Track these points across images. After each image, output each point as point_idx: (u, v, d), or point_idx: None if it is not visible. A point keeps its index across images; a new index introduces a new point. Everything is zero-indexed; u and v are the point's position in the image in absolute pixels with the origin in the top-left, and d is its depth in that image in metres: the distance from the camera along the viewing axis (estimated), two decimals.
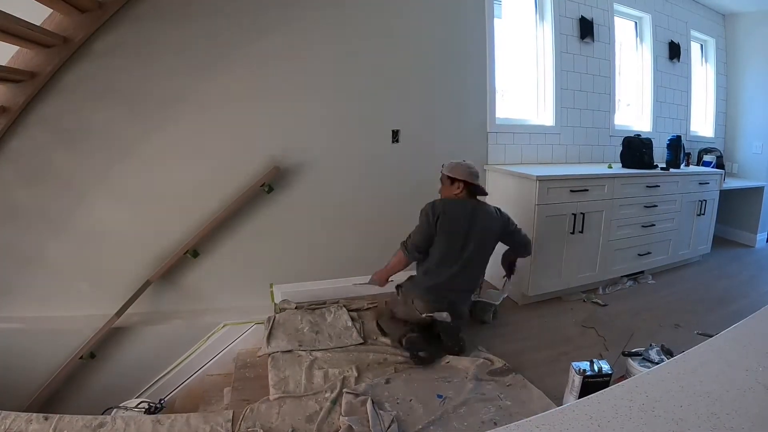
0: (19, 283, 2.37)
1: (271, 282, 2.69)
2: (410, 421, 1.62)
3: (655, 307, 2.76)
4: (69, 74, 2.16)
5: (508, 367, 2.00)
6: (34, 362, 2.40)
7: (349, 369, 1.95)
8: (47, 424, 1.55)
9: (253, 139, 2.53)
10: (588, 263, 2.87)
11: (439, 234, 2.07)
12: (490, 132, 3.09)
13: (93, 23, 2.09)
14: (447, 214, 2.07)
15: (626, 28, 3.81)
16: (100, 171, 2.35)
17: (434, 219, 2.07)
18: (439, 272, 2.09)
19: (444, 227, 2.06)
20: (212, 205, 2.48)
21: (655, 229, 3.16)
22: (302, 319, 2.37)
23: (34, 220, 2.33)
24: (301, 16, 2.49)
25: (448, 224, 2.06)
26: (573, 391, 1.66)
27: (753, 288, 3.17)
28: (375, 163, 2.81)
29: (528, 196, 2.61)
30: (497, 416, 1.66)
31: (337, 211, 2.74)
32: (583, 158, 3.53)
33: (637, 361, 1.77)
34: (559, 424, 0.56)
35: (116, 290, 2.41)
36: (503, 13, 3.20)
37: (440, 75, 2.90)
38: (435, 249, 2.10)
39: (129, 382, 2.53)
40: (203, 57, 2.36)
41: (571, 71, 3.33)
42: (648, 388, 0.62)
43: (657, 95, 3.90)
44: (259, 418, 1.64)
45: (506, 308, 2.64)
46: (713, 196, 3.56)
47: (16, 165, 2.24)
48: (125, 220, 2.43)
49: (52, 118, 2.20)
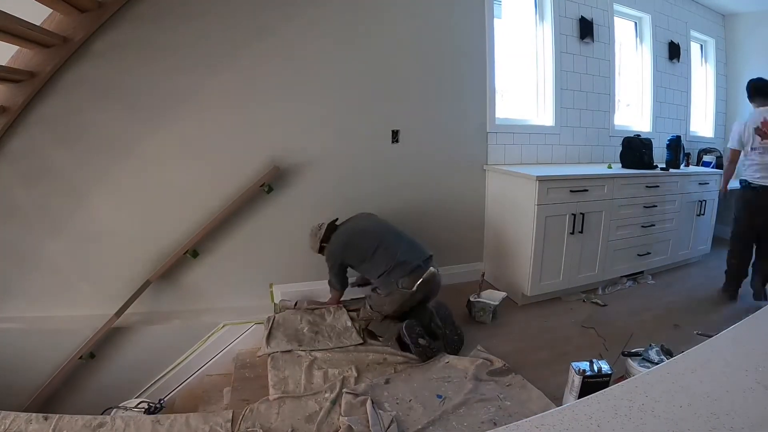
0: (19, 283, 2.37)
1: (271, 282, 2.69)
2: (410, 421, 1.62)
3: (654, 307, 2.76)
4: (69, 74, 2.16)
5: (507, 367, 2.00)
6: (34, 362, 2.40)
7: (349, 369, 1.95)
8: (47, 424, 1.55)
9: (253, 139, 2.53)
10: (588, 263, 2.87)
11: (364, 254, 2.23)
12: (489, 132, 3.09)
13: (93, 23, 2.09)
14: (351, 242, 2.29)
15: (626, 28, 3.81)
16: (99, 171, 2.35)
17: (342, 261, 2.31)
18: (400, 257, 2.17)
19: (361, 247, 2.24)
20: (212, 204, 2.48)
21: (655, 230, 3.16)
22: (302, 319, 2.37)
23: (34, 220, 2.33)
24: (301, 16, 2.49)
25: (361, 240, 2.27)
26: (573, 391, 1.66)
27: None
28: (375, 164, 2.81)
29: (528, 196, 2.61)
30: (497, 416, 1.66)
31: (337, 211, 2.74)
32: (583, 158, 3.53)
33: (637, 361, 1.77)
34: (558, 424, 0.56)
35: (116, 290, 2.41)
36: (503, 13, 3.20)
37: (440, 75, 2.90)
38: (381, 253, 2.20)
39: (129, 382, 2.53)
40: (203, 57, 2.36)
41: (571, 71, 3.33)
42: (648, 388, 0.62)
43: (657, 95, 3.90)
44: (259, 418, 1.64)
45: (506, 308, 2.64)
46: (713, 196, 3.56)
47: (16, 165, 2.24)
48: (125, 220, 2.43)
49: (52, 118, 2.20)
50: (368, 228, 2.34)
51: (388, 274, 2.17)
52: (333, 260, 2.33)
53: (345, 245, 2.30)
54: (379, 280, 2.22)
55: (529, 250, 2.65)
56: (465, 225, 3.14)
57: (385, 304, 2.21)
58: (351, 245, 2.29)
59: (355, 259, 2.30)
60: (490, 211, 3.15)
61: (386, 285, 2.18)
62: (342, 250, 2.30)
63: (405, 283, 2.13)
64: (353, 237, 2.31)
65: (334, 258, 2.32)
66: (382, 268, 2.18)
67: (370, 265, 2.24)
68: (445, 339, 2.14)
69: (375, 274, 2.23)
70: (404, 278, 2.13)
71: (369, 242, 2.24)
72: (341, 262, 2.33)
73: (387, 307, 2.21)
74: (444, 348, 2.13)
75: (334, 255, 2.32)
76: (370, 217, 2.45)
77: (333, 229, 2.40)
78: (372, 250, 2.21)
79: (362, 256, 2.25)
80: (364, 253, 2.24)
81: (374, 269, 2.22)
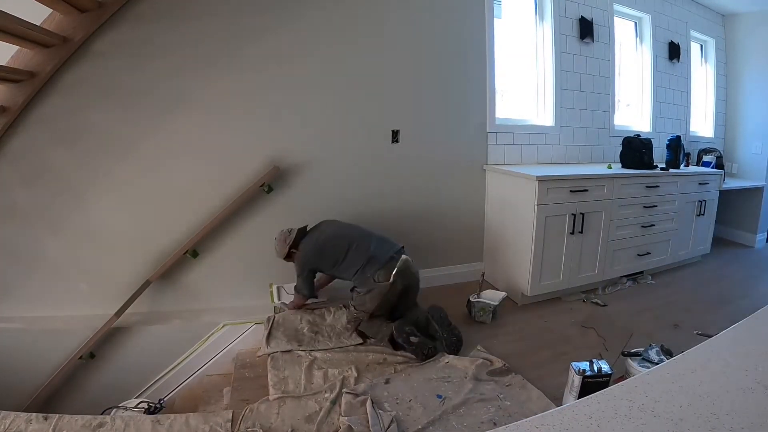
0: (19, 283, 2.37)
1: (271, 282, 2.69)
2: (410, 421, 1.61)
3: (654, 307, 2.76)
4: (68, 74, 2.16)
5: (507, 367, 2.00)
6: (34, 362, 2.40)
7: (349, 369, 1.95)
8: (47, 424, 1.55)
9: (253, 138, 2.53)
10: (588, 263, 2.87)
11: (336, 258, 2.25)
12: (489, 132, 3.09)
13: (93, 23, 2.09)
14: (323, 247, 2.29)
15: (626, 28, 3.81)
16: (99, 171, 2.35)
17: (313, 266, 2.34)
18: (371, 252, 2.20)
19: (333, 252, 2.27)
20: (212, 204, 2.48)
21: (655, 230, 3.16)
22: (302, 319, 2.37)
23: (34, 220, 2.33)
24: (301, 16, 2.49)
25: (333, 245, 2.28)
26: (572, 391, 1.67)
27: (753, 288, 3.16)
28: (375, 163, 2.81)
29: (528, 196, 2.61)
30: (497, 416, 1.66)
31: (337, 211, 2.74)
32: (583, 158, 3.53)
33: (637, 361, 1.78)
34: (558, 424, 0.56)
35: (116, 290, 2.41)
36: (503, 13, 3.20)
37: (440, 75, 2.90)
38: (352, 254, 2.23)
39: (128, 382, 2.53)
40: (203, 57, 2.36)
41: (571, 71, 3.33)
42: (648, 388, 0.62)
43: (657, 95, 3.90)
44: (259, 418, 1.64)
45: (506, 308, 2.64)
46: (713, 196, 3.56)
47: (16, 165, 2.24)
48: (125, 220, 2.43)
49: (52, 118, 2.20)
50: (337, 233, 2.35)
51: (362, 270, 2.18)
52: (303, 266, 2.33)
53: (317, 251, 2.30)
54: (356, 278, 2.23)
55: (529, 250, 2.65)
56: (465, 225, 3.14)
57: (366, 302, 2.20)
58: (323, 251, 2.29)
59: (328, 265, 2.31)
60: (490, 211, 3.15)
61: (363, 282, 2.19)
62: (314, 257, 2.31)
63: (381, 276, 2.15)
64: (325, 243, 2.31)
65: (306, 264, 2.33)
66: (355, 266, 2.20)
67: (344, 266, 2.25)
68: (443, 341, 2.14)
69: (350, 273, 2.24)
70: (379, 272, 2.15)
71: (340, 246, 2.26)
72: (311, 268, 2.35)
73: (369, 304, 2.19)
74: (444, 349, 2.12)
75: (305, 261, 2.32)
76: (335, 222, 2.45)
77: (302, 235, 2.39)
78: (344, 253, 2.24)
79: (335, 260, 2.27)
80: (337, 256, 2.26)
81: (348, 269, 2.24)
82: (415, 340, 2.05)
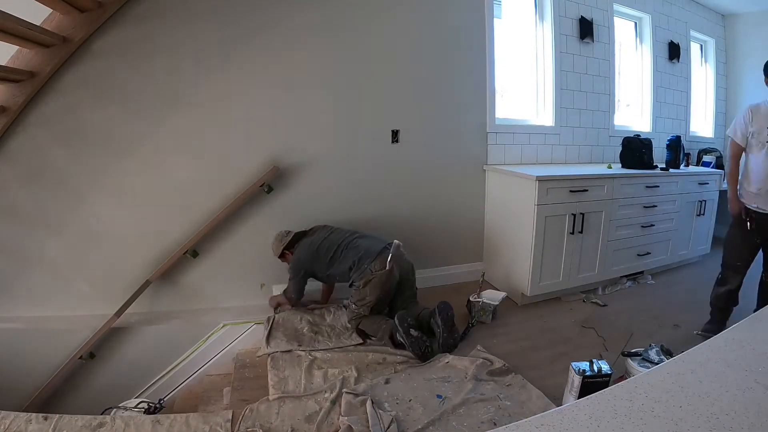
0: (19, 283, 2.37)
1: (271, 282, 2.69)
2: (410, 421, 1.61)
3: (654, 307, 2.76)
4: (68, 74, 2.16)
5: (507, 367, 2.00)
6: (34, 362, 2.40)
7: (349, 369, 1.95)
8: (47, 424, 1.55)
9: (252, 138, 2.53)
10: (587, 263, 2.87)
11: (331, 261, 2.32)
12: (489, 132, 3.09)
13: (93, 23, 2.09)
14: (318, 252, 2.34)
15: (626, 28, 3.81)
16: (99, 170, 2.35)
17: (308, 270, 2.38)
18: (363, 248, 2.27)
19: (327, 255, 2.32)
20: (212, 204, 2.48)
21: (655, 230, 3.16)
22: (301, 319, 2.37)
23: (34, 220, 2.33)
24: (301, 17, 2.48)
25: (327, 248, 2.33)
26: (572, 391, 1.66)
27: (752, 288, 3.16)
28: (375, 163, 2.81)
29: (528, 196, 2.61)
30: (496, 416, 1.66)
31: (337, 211, 2.74)
32: (583, 158, 3.53)
33: (637, 361, 1.78)
34: (558, 424, 0.56)
35: (116, 290, 2.41)
36: (503, 13, 3.20)
37: (440, 75, 2.90)
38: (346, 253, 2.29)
39: (128, 382, 2.53)
40: (203, 57, 2.36)
41: (571, 71, 3.33)
42: (648, 388, 0.63)
43: (657, 95, 3.90)
44: (259, 418, 1.64)
45: (506, 308, 2.64)
46: (713, 196, 3.56)
47: (16, 165, 2.24)
48: (125, 220, 2.43)
49: (52, 118, 2.20)
50: (329, 235, 2.41)
51: (357, 264, 2.23)
52: (298, 269, 2.37)
53: (312, 253, 2.35)
54: (352, 273, 2.26)
55: (528, 250, 2.65)
56: (465, 225, 3.14)
57: (367, 294, 2.20)
58: (317, 252, 2.34)
59: (322, 266, 2.35)
60: (489, 211, 3.15)
61: (360, 274, 2.21)
62: (309, 258, 2.35)
63: (377, 266, 2.19)
64: (320, 244, 2.36)
65: (301, 267, 2.37)
66: (349, 262, 2.26)
67: (338, 265, 2.31)
68: (440, 338, 2.13)
69: (346, 270, 2.28)
70: (374, 262, 2.20)
71: (333, 245, 2.34)
72: (306, 271, 2.38)
73: (370, 296, 2.19)
74: (439, 349, 2.11)
75: (300, 264, 2.37)
76: (326, 226, 2.51)
77: (299, 238, 2.43)
78: (337, 252, 2.31)
79: (329, 260, 2.32)
80: (331, 256, 2.32)
81: (342, 267, 2.29)
82: (414, 333, 2.06)
